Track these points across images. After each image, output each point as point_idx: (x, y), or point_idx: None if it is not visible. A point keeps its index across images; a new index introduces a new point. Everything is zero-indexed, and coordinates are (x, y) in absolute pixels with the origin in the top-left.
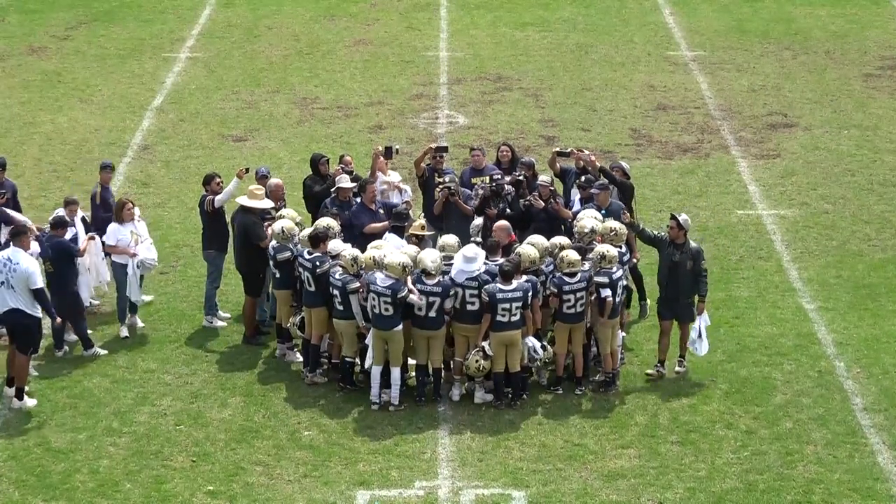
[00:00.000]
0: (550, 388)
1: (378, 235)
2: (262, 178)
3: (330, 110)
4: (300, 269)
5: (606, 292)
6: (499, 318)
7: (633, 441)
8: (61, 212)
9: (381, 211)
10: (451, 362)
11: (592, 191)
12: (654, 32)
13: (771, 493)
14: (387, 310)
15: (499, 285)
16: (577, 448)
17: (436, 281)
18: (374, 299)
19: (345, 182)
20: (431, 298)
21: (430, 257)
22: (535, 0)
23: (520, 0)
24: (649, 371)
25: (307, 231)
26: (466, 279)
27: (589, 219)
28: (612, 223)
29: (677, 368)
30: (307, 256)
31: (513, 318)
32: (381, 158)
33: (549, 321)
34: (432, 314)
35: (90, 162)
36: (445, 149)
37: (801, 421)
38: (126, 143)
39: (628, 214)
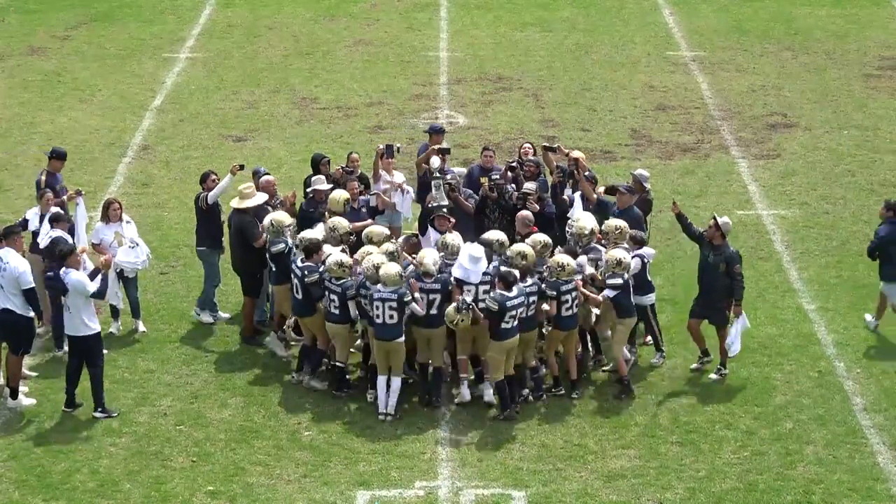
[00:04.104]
0: (552, 391)
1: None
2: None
3: (330, 110)
4: (293, 276)
5: (608, 293)
6: (503, 325)
7: (633, 441)
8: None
9: (364, 210)
10: (458, 361)
11: (615, 191)
12: (654, 32)
13: (771, 493)
14: (391, 317)
15: (503, 292)
16: (577, 448)
17: (434, 278)
18: (378, 308)
19: (320, 184)
20: (431, 296)
21: (430, 258)
22: (535, 0)
23: (520, 0)
24: (693, 365)
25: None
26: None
27: (588, 219)
28: (617, 221)
29: (713, 375)
30: (299, 265)
31: (515, 324)
32: (385, 158)
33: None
34: (433, 312)
35: (90, 162)
36: (448, 150)
37: (801, 421)
38: (126, 143)
39: (675, 204)
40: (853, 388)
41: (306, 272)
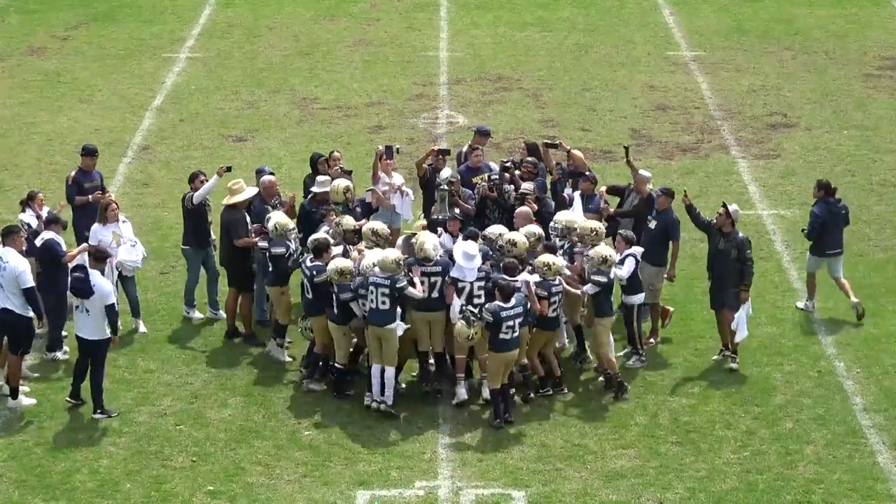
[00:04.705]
0: (539, 392)
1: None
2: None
3: (330, 110)
4: (302, 276)
5: (590, 288)
6: (502, 335)
7: (633, 441)
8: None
9: (359, 209)
10: (455, 360)
11: (655, 193)
12: (654, 32)
13: (771, 493)
14: (384, 302)
15: (499, 303)
16: (577, 448)
17: (434, 262)
18: (372, 292)
19: (325, 185)
20: (433, 279)
21: (430, 243)
22: (535, 0)
23: (520, 0)
24: (715, 357)
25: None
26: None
27: (575, 220)
28: (593, 223)
29: (731, 365)
30: (308, 264)
31: (514, 335)
32: (384, 159)
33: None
34: (434, 294)
35: None
36: (448, 151)
37: (801, 421)
38: (126, 143)
39: (686, 195)
40: (853, 388)
41: (315, 272)
